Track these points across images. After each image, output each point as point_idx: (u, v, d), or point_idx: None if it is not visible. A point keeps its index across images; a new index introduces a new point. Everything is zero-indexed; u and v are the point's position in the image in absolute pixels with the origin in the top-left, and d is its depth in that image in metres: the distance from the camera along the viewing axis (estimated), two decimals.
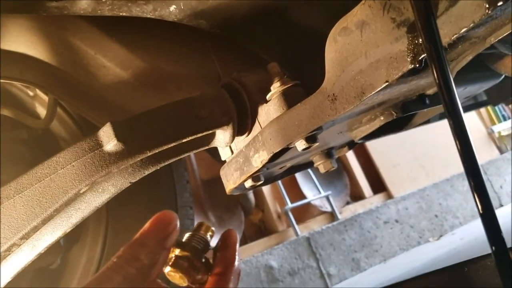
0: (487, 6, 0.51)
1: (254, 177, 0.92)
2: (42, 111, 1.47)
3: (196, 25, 0.97)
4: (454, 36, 0.55)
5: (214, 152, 1.01)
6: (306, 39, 0.96)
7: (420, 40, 0.59)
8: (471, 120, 4.78)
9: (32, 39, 1.00)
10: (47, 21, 0.95)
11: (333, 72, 0.75)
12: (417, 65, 0.60)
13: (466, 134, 0.56)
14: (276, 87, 0.87)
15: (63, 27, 0.94)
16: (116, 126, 0.77)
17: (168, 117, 0.81)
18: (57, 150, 0.80)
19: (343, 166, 4.15)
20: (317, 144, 0.83)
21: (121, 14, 0.88)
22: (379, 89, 0.67)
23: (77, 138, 1.50)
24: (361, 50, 0.69)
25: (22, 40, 1.01)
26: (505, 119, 5.12)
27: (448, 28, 0.56)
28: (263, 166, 0.86)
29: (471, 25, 0.53)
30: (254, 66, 1.12)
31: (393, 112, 0.89)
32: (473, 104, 2.41)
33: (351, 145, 1.13)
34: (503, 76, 1.42)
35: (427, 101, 0.91)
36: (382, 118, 0.90)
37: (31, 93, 1.47)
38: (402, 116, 0.90)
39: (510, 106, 4.81)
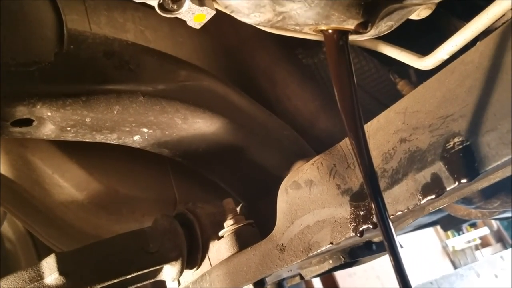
0: (420, 197, 0.55)
1: None
2: None
3: (158, 153, 1.00)
4: (390, 217, 0.59)
5: None
6: (262, 177, 1.00)
7: (361, 212, 0.63)
8: (427, 233, 4.89)
9: None
10: (9, 138, 0.96)
11: (283, 222, 0.77)
12: (359, 235, 0.64)
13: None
14: (229, 225, 0.88)
15: (24, 145, 0.95)
16: (59, 259, 0.75)
17: (116, 251, 0.80)
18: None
19: None
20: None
21: (84, 140, 0.90)
22: (324, 248, 0.69)
23: (24, 240, 1.44)
24: (309, 206, 0.73)
25: None
26: (458, 234, 5.26)
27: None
28: None
29: (406, 210, 0.57)
30: (212, 193, 1.15)
31: (342, 257, 0.92)
32: (425, 224, 2.49)
33: (302, 275, 1.13)
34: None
35: (374, 247, 0.94)
36: (331, 261, 0.92)
37: None
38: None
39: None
